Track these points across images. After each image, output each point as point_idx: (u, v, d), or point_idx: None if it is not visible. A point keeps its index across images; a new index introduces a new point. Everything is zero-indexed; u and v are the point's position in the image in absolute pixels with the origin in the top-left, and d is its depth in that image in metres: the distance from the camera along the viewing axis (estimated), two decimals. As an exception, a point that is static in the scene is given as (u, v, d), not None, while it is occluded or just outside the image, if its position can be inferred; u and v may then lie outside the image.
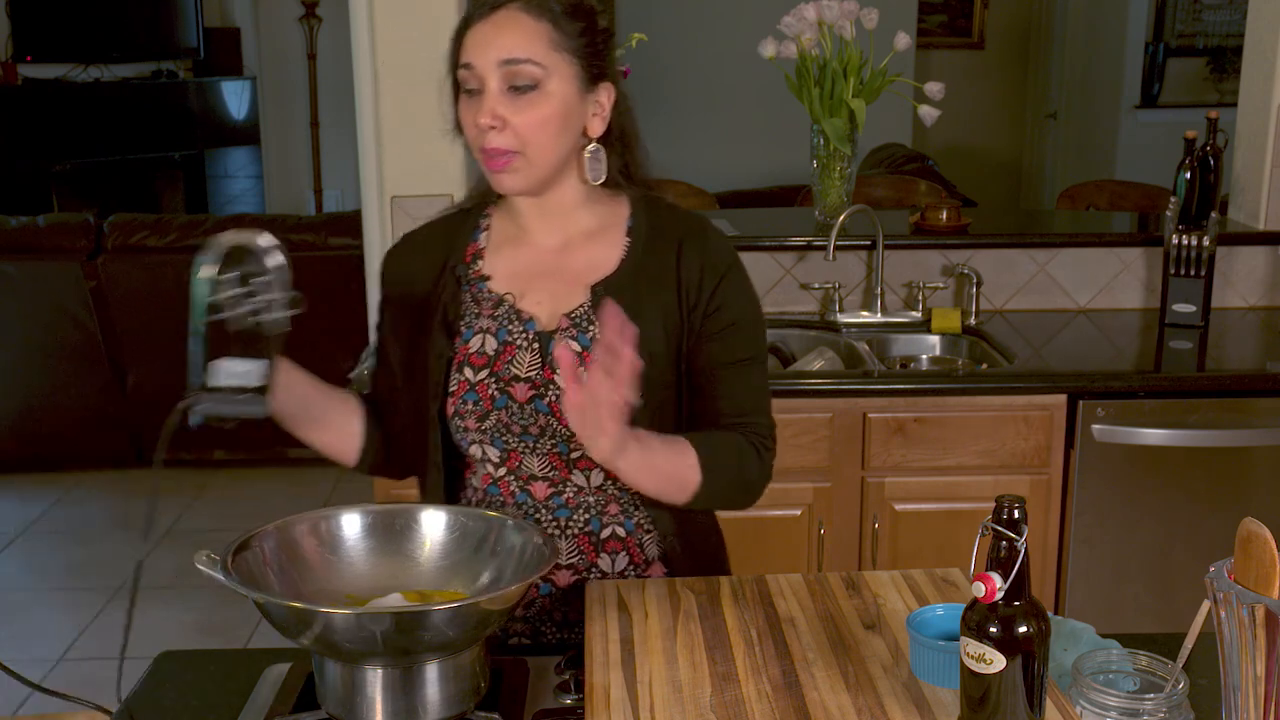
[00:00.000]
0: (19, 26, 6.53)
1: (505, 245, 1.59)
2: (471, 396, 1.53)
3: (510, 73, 1.45)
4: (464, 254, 1.59)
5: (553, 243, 1.57)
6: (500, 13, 1.46)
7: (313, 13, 7.40)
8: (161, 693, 1.43)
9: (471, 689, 1.29)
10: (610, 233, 1.57)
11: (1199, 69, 6.99)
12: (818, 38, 2.97)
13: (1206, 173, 2.91)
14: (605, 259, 1.55)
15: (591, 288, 1.53)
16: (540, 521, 1.55)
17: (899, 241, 3.15)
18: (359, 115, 3.02)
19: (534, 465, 1.54)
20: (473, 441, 1.55)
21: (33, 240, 4.40)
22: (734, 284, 1.55)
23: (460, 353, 1.55)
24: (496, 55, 1.45)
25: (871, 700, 1.21)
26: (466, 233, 1.61)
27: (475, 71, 1.46)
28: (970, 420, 2.63)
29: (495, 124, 1.45)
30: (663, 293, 1.53)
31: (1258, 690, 1.09)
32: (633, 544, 1.57)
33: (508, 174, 1.48)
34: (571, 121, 1.49)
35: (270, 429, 1.47)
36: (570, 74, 1.48)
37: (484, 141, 1.46)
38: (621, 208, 1.58)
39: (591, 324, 1.52)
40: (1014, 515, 1.10)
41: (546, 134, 1.47)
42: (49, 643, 3.51)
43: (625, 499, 1.55)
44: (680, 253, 1.54)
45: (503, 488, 1.56)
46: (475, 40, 1.47)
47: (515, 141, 1.46)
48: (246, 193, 7.61)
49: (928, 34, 7.42)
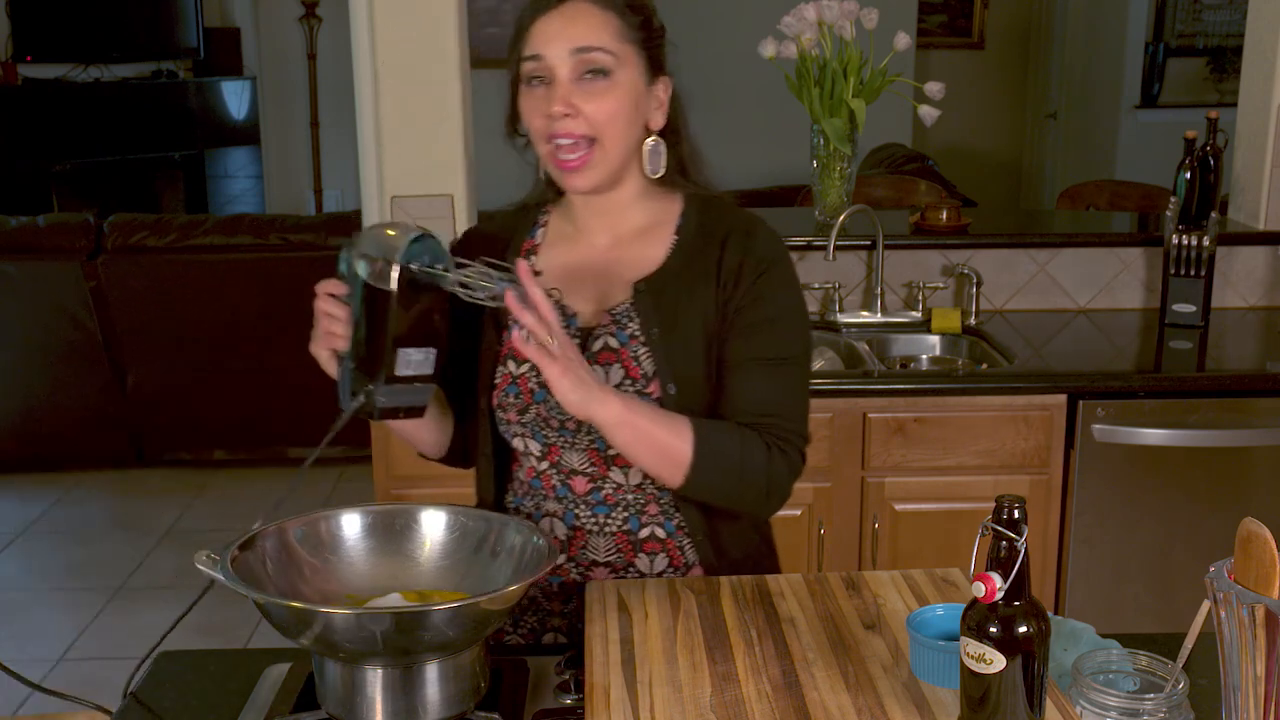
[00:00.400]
0: (19, 26, 6.53)
1: (560, 242, 1.60)
2: (513, 390, 1.54)
3: (582, 61, 1.46)
4: (520, 249, 1.61)
5: (603, 241, 1.58)
6: (568, 4, 1.47)
7: (313, 13, 7.40)
8: (161, 693, 1.43)
9: (471, 689, 1.29)
10: (660, 230, 1.57)
11: (1199, 69, 6.99)
12: (818, 38, 2.97)
13: (1206, 173, 2.91)
14: (651, 256, 1.55)
15: (634, 285, 1.53)
16: (579, 517, 1.55)
17: (899, 241, 3.15)
18: (359, 115, 3.02)
19: (573, 460, 1.54)
20: (515, 434, 1.56)
21: (33, 240, 4.40)
22: (775, 281, 1.52)
23: (506, 346, 1.56)
24: (568, 44, 1.46)
25: (871, 700, 1.21)
26: (525, 228, 1.63)
27: (545, 62, 1.47)
28: (970, 420, 2.63)
29: (569, 111, 1.45)
30: (704, 289, 1.52)
31: (1258, 690, 1.09)
32: (673, 546, 1.56)
33: (581, 172, 1.48)
34: (638, 113, 1.51)
35: (269, 428, 1.47)
36: (636, 65, 1.50)
37: (555, 129, 1.46)
38: (674, 205, 1.59)
39: (630, 321, 1.52)
40: (1014, 515, 1.10)
41: (618, 124, 1.48)
42: (49, 643, 3.51)
43: (665, 499, 1.55)
44: (724, 247, 1.53)
45: (544, 481, 1.57)
46: (544, 31, 1.47)
47: (588, 128, 1.47)
48: (246, 193, 7.61)
49: (928, 34, 7.42)
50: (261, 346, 4.46)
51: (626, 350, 1.50)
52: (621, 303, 1.53)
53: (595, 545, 1.56)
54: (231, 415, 4.63)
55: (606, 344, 1.51)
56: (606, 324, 1.53)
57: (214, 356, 4.50)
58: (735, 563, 1.58)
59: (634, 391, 1.49)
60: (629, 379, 1.50)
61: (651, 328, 1.50)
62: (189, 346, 4.51)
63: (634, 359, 1.50)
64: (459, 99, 3.01)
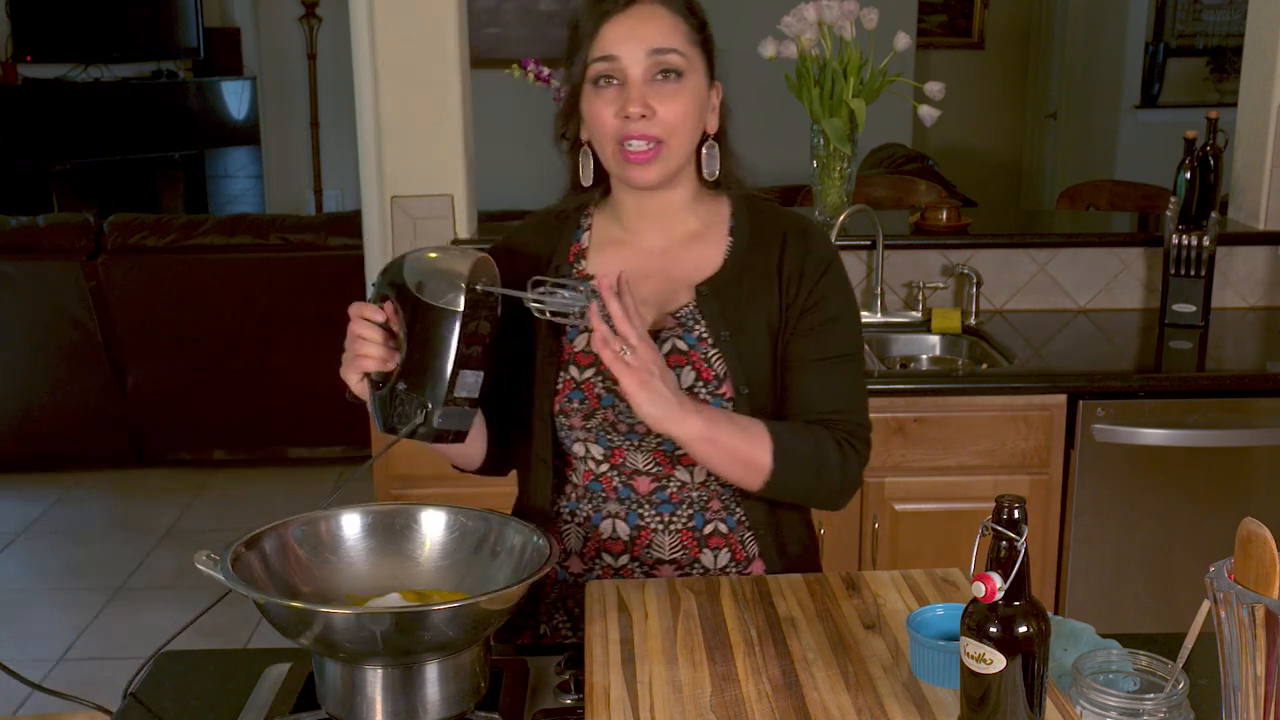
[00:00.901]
0: (19, 26, 6.53)
1: (608, 246, 1.60)
2: (577, 395, 1.54)
3: (657, 62, 1.47)
4: (567, 253, 1.61)
5: (656, 244, 1.58)
6: (639, 6, 1.48)
7: (313, 13, 7.40)
8: (161, 693, 1.43)
9: (471, 689, 1.28)
10: (712, 233, 1.58)
11: (1199, 69, 6.98)
12: (818, 38, 2.97)
13: (1206, 173, 2.91)
14: (709, 260, 1.56)
15: (696, 287, 1.54)
16: (643, 516, 1.56)
17: (899, 241, 3.15)
18: (359, 115, 3.02)
19: (638, 461, 1.55)
20: (577, 439, 1.56)
21: (33, 240, 4.40)
22: (834, 280, 1.56)
23: (565, 351, 1.56)
24: (644, 45, 1.47)
25: (871, 700, 1.21)
26: (569, 232, 1.62)
27: (619, 63, 1.47)
28: (970, 420, 2.63)
29: (646, 112, 1.46)
30: (766, 291, 1.54)
31: (1258, 690, 1.09)
32: (735, 540, 1.58)
33: (649, 166, 1.49)
34: (701, 116, 1.53)
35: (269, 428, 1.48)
36: (701, 68, 1.52)
37: (630, 130, 1.47)
38: (723, 208, 1.60)
39: (697, 323, 1.53)
40: (1014, 515, 1.10)
41: (687, 126, 1.50)
42: (49, 643, 3.51)
43: (727, 495, 1.56)
44: (784, 249, 1.55)
45: (605, 483, 1.57)
46: (617, 32, 1.48)
47: (661, 130, 1.48)
48: (246, 193, 7.61)
49: (928, 34, 7.42)
50: (261, 346, 4.46)
51: (696, 352, 1.52)
52: (684, 305, 1.54)
53: (660, 544, 1.56)
54: (231, 415, 4.63)
55: (675, 346, 1.52)
56: (672, 327, 1.53)
57: (214, 356, 4.50)
58: (794, 558, 1.61)
59: (706, 394, 1.50)
60: (701, 380, 1.51)
61: (721, 330, 1.52)
62: (189, 346, 4.51)
63: (705, 361, 1.51)
64: (459, 99, 3.01)
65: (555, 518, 1.61)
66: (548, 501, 1.60)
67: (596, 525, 1.57)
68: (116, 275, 4.37)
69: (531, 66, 3.12)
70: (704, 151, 1.56)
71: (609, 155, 1.51)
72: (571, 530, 1.60)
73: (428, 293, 1.37)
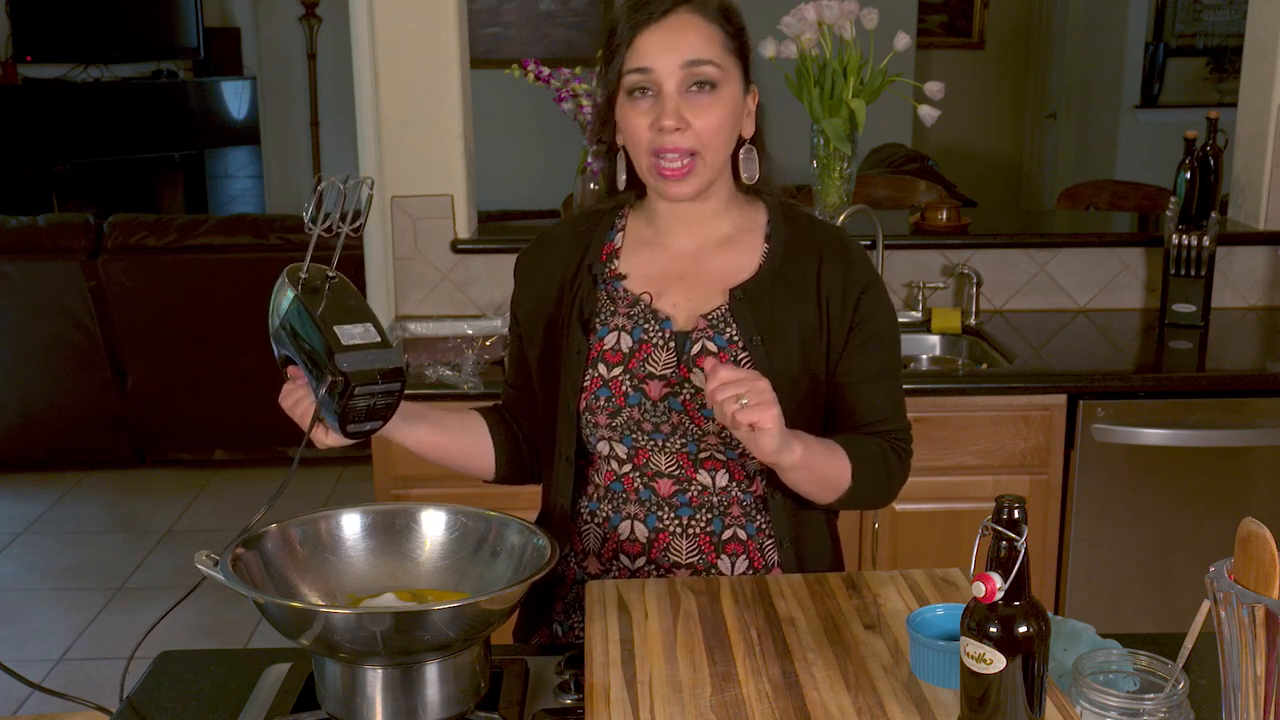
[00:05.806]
0: (19, 26, 6.52)
1: (641, 247, 1.60)
2: (604, 392, 1.54)
3: (692, 74, 1.47)
4: (600, 252, 1.61)
5: (689, 247, 1.58)
6: (673, 16, 1.48)
7: (313, 13, 7.40)
8: (161, 693, 1.43)
9: (471, 689, 1.29)
10: (747, 238, 1.58)
11: (1199, 69, 6.98)
12: (818, 38, 2.97)
13: (1206, 173, 2.91)
14: (744, 265, 1.57)
15: (730, 291, 1.54)
16: (662, 519, 1.56)
17: (899, 241, 3.15)
18: (359, 115, 3.02)
19: (660, 463, 1.55)
20: (601, 438, 1.56)
21: (33, 240, 4.40)
22: (875, 298, 1.57)
23: (595, 349, 1.56)
24: (678, 57, 1.47)
25: (871, 700, 1.21)
26: (603, 232, 1.62)
27: (654, 75, 1.47)
28: (970, 420, 2.63)
29: (680, 125, 1.47)
30: (802, 303, 1.54)
31: (1258, 690, 1.09)
32: (754, 548, 1.58)
33: (684, 182, 1.49)
34: (737, 124, 1.53)
35: (269, 428, 1.49)
36: (737, 76, 1.52)
37: (664, 143, 1.47)
38: (759, 214, 1.60)
39: (728, 326, 1.53)
40: (1014, 515, 1.10)
41: (721, 137, 1.50)
42: (49, 643, 3.51)
43: (748, 501, 1.57)
44: (821, 265, 1.56)
45: (626, 483, 1.57)
46: (652, 43, 1.47)
47: (695, 142, 1.48)
48: (246, 193, 7.60)
49: (928, 34, 7.41)
50: (261, 347, 4.45)
51: (725, 355, 1.52)
52: (717, 308, 1.54)
53: (677, 547, 1.56)
54: (231, 415, 4.62)
55: (705, 347, 1.53)
56: (702, 328, 1.54)
57: (214, 356, 4.50)
58: (809, 564, 1.60)
59: None
60: None
61: (752, 334, 1.52)
62: (189, 346, 4.51)
63: (733, 362, 1.52)
64: (459, 99, 3.01)
65: (575, 517, 1.61)
66: (569, 500, 1.60)
67: (615, 526, 1.57)
68: (116, 275, 4.37)
69: (531, 66, 3.12)
70: (741, 155, 1.56)
71: (644, 167, 1.51)
72: (591, 530, 1.60)
73: (278, 318, 1.46)
